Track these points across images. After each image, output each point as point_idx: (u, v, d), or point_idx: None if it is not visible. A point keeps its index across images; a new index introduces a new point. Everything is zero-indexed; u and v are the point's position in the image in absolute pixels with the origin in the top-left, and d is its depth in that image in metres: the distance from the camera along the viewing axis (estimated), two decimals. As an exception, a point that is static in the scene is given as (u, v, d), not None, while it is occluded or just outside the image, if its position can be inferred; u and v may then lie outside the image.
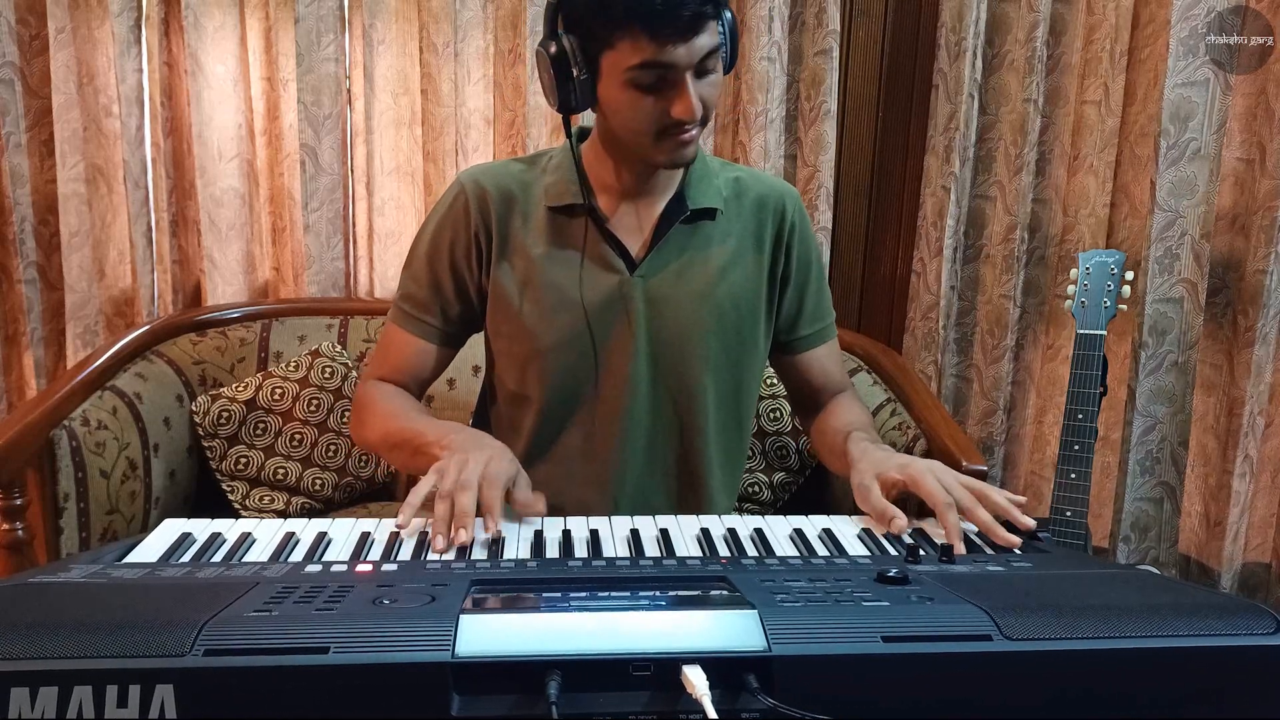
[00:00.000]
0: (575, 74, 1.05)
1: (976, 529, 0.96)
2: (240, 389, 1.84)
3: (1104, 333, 1.76)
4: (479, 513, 0.93)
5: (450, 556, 0.88)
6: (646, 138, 1.08)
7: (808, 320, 1.28)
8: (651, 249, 1.17)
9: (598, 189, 1.19)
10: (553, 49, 1.05)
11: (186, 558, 0.87)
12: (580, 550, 0.91)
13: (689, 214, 1.18)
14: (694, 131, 1.08)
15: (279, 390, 1.84)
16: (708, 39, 1.02)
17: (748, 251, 1.22)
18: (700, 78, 1.05)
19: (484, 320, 1.25)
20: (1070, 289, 1.81)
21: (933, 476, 0.99)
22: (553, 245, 1.18)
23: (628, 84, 1.04)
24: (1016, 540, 0.93)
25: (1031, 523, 0.96)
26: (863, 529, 0.99)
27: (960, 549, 0.91)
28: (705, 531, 0.96)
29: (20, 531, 1.47)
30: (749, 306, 1.22)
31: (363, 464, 1.90)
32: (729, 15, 1.08)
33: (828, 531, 0.97)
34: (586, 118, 1.18)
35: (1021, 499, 0.98)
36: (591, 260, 1.17)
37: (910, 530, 0.98)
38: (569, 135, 1.14)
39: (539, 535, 0.94)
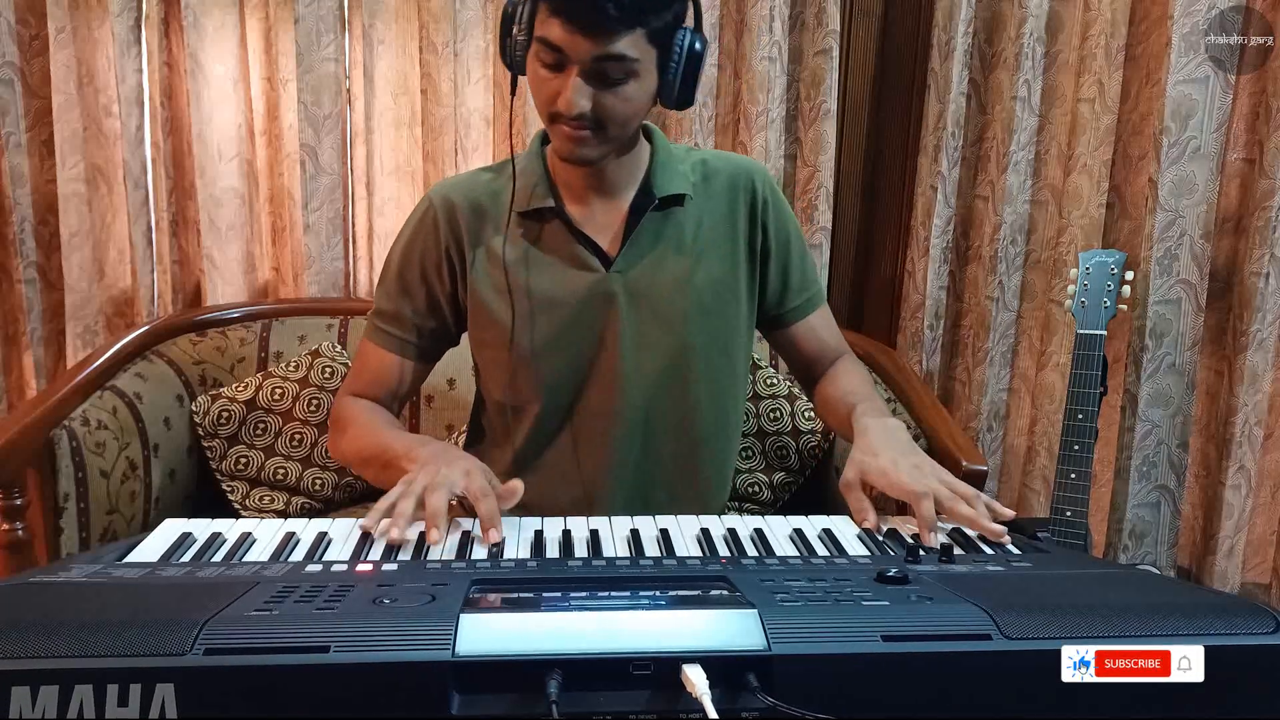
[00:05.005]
0: (515, 31, 1.06)
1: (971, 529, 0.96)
2: (240, 389, 1.84)
3: (1104, 333, 1.76)
4: (482, 527, 0.94)
5: (450, 556, 0.88)
6: (545, 118, 1.09)
7: (795, 291, 1.29)
8: (625, 243, 1.18)
9: (565, 190, 1.19)
10: (509, 6, 1.07)
11: (187, 557, 0.87)
12: (580, 550, 0.91)
13: (657, 203, 1.18)
14: (582, 133, 1.06)
15: (279, 390, 1.84)
16: (615, 45, 1.01)
17: (722, 233, 1.22)
18: (603, 83, 1.04)
19: (458, 334, 1.26)
20: (1070, 289, 1.81)
21: (906, 474, 0.99)
22: (527, 250, 1.18)
23: (534, 55, 1.06)
24: (1002, 529, 0.93)
25: (1010, 513, 0.97)
26: (863, 529, 0.99)
27: (927, 539, 0.92)
28: (705, 531, 0.96)
29: (20, 531, 1.47)
30: (729, 287, 1.22)
31: (363, 464, 1.90)
32: (683, 45, 1.05)
33: (828, 531, 0.97)
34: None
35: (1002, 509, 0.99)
36: (567, 261, 1.18)
37: (885, 529, 0.98)
38: (512, 93, 1.13)
39: (539, 535, 0.95)
